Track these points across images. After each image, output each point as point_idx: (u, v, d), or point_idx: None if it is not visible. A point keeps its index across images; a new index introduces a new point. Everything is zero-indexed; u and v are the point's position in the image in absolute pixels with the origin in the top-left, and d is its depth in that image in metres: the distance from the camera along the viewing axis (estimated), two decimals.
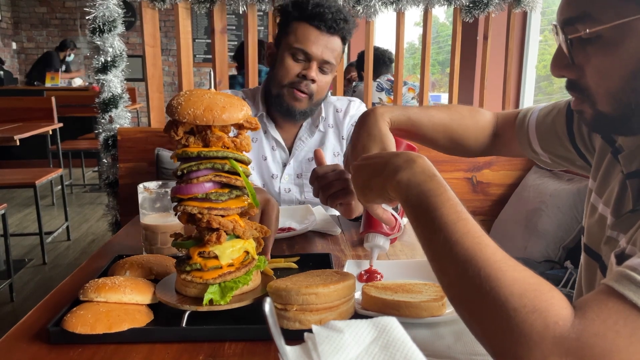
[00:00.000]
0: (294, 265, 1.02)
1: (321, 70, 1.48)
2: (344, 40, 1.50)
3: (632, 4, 0.61)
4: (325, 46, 1.44)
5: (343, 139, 1.63)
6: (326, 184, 1.13)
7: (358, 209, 1.18)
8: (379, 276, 0.95)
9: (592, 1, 0.63)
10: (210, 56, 2.35)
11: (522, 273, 0.54)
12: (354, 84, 4.00)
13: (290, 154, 1.61)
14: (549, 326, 0.50)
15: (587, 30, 0.63)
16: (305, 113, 1.53)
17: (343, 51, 1.53)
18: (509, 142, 1.07)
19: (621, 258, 0.71)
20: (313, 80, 1.46)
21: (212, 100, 0.75)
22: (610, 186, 0.82)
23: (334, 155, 1.63)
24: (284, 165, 1.61)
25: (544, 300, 0.51)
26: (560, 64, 0.70)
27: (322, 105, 1.61)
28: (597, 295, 0.53)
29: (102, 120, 2.11)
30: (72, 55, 7.32)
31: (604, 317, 0.50)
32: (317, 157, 1.22)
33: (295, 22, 1.46)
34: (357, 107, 1.66)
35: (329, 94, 1.68)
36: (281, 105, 1.50)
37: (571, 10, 0.66)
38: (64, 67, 7.36)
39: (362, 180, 0.75)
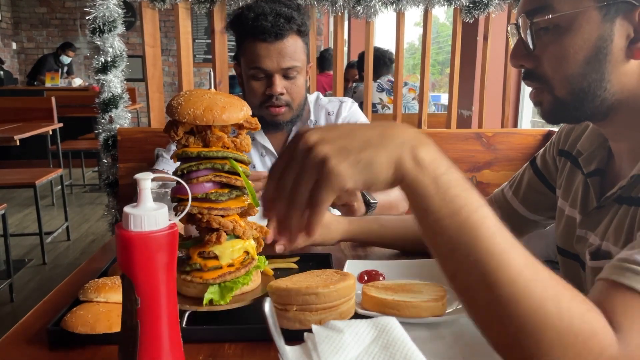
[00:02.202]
0: (294, 266, 1.02)
1: (287, 77, 1.41)
2: (300, 33, 1.42)
3: None
4: (280, 54, 1.37)
5: None
6: None
7: (360, 209, 1.18)
8: (380, 277, 0.94)
9: None
10: (210, 56, 2.35)
11: (570, 289, 0.51)
12: (354, 85, 4.00)
13: None
14: (605, 350, 0.49)
15: (550, 16, 0.70)
16: (291, 121, 1.49)
17: (307, 44, 1.46)
18: None
19: (597, 255, 0.75)
20: (282, 93, 1.41)
21: (212, 101, 0.75)
22: (573, 189, 0.88)
23: None
24: None
25: (597, 321, 0.50)
26: (520, 54, 0.76)
27: (312, 108, 1.58)
28: (616, 296, 0.53)
29: (102, 121, 2.11)
30: (66, 58, 7.23)
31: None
32: None
33: (244, 40, 1.41)
34: (349, 108, 1.61)
35: (319, 95, 1.65)
36: (265, 122, 1.45)
37: (533, 2, 0.73)
38: (65, 69, 7.35)
39: (345, 154, 0.49)
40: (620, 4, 0.67)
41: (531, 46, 0.73)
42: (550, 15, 0.70)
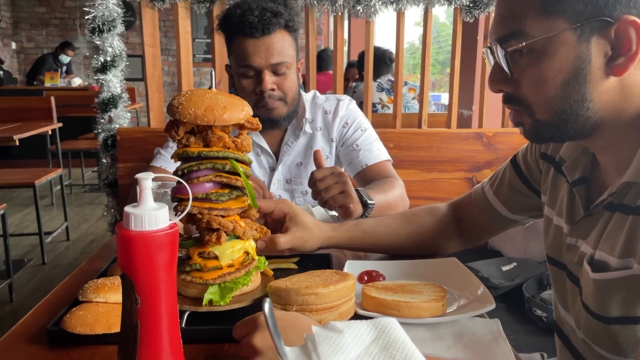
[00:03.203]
0: (294, 266, 1.02)
1: (276, 73, 1.40)
2: (288, 28, 1.41)
3: (559, 19, 0.67)
4: (267, 49, 1.36)
5: (333, 141, 1.58)
6: (325, 188, 1.13)
7: (357, 211, 1.18)
8: (381, 278, 0.94)
9: (522, 18, 0.69)
10: (210, 56, 2.35)
11: None
12: (354, 84, 4.00)
13: (277, 159, 1.57)
14: None
15: (523, 44, 0.69)
16: (289, 116, 1.49)
17: (295, 39, 1.46)
18: (474, 220, 1.08)
19: (592, 264, 0.73)
20: (272, 89, 1.40)
21: (213, 100, 0.75)
22: (559, 198, 0.86)
23: (325, 157, 1.61)
24: (272, 170, 1.58)
25: None
26: (497, 79, 0.74)
27: (308, 107, 1.57)
28: None
29: (102, 120, 2.11)
30: (65, 57, 7.21)
31: None
32: (316, 158, 1.22)
33: (233, 38, 1.41)
34: (347, 107, 1.60)
35: (316, 94, 1.64)
36: (262, 120, 1.45)
37: (504, 28, 0.71)
38: (64, 68, 7.33)
39: None
40: (594, 23, 0.66)
41: (508, 72, 0.72)
42: (523, 43, 0.69)
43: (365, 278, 0.94)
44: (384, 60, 3.39)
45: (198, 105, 0.74)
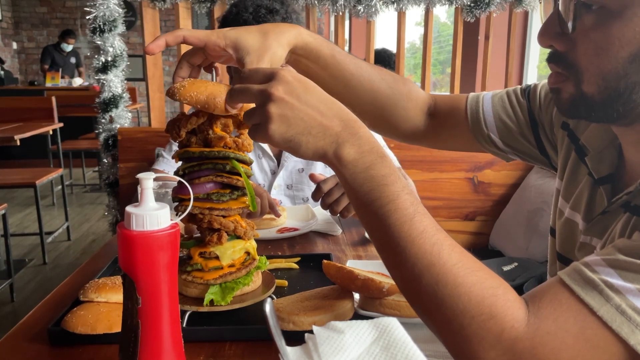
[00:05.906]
0: (295, 266, 1.02)
1: None
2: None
3: None
4: None
5: None
6: (335, 201, 1.14)
7: None
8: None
9: None
10: None
11: (479, 276, 0.53)
12: None
13: (279, 163, 1.57)
14: (505, 330, 0.51)
15: None
16: None
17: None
18: (452, 129, 0.93)
19: None
20: None
21: (215, 88, 0.74)
22: (577, 189, 0.78)
23: (325, 166, 1.60)
24: (273, 173, 1.58)
25: (500, 306, 0.51)
26: (552, 32, 0.62)
27: None
28: (552, 287, 0.54)
29: (103, 120, 2.11)
30: (67, 45, 7.20)
31: (557, 314, 0.51)
32: (313, 180, 1.21)
33: None
34: None
35: None
36: None
37: None
38: (73, 60, 7.31)
39: (285, 127, 0.56)
40: None
41: (569, 27, 0.60)
42: None
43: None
44: (387, 62, 3.28)
45: (200, 90, 0.72)
